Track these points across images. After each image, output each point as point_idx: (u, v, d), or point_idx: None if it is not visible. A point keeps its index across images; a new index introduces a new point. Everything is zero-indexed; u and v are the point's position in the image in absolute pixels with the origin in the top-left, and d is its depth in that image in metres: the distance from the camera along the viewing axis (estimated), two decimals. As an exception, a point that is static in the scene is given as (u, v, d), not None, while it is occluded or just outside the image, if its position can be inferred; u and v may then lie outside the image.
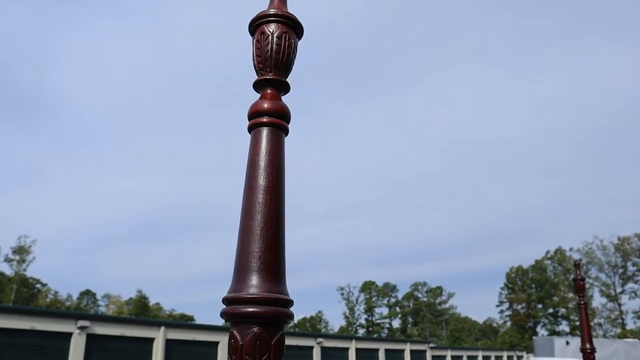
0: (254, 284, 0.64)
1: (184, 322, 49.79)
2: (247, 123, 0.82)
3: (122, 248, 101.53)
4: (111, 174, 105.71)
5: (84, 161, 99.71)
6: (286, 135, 0.73)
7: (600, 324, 76.45)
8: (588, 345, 2.93)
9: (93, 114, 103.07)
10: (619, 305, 75.44)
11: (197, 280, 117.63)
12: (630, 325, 73.83)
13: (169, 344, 21.46)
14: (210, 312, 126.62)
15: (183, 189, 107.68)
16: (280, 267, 0.66)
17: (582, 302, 3.05)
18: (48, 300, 69.34)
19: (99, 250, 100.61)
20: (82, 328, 18.53)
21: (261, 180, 0.68)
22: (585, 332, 2.93)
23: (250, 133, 0.73)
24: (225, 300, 0.66)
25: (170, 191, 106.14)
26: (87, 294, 76.51)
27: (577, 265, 3.32)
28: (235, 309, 0.64)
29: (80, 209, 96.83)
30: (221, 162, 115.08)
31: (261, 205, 0.68)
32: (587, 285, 77.02)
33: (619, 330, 69.57)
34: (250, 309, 0.63)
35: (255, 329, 0.63)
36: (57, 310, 43.76)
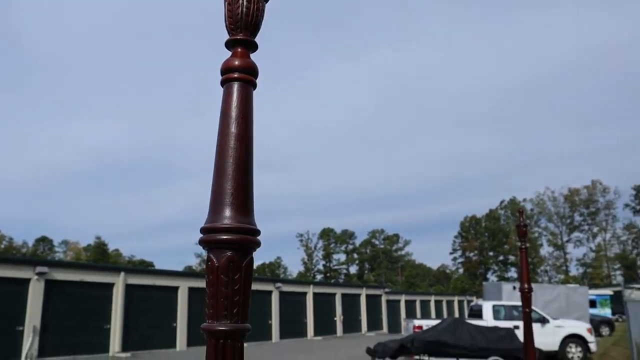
0: (227, 216, 0.78)
1: (144, 267, 49.88)
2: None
3: (79, 194, 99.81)
4: (64, 117, 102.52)
5: (33, 103, 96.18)
6: (254, 89, 0.84)
7: (546, 271, 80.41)
8: (526, 286, 3.16)
9: (44, 52, 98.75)
10: (565, 253, 79.33)
11: (156, 227, 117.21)
12: (573, 271, 77.93)
13: (129, 289, 21.61)
14: (169, 258, 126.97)
15: (141, 135, 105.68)
16: (249, 203, 0.80)
17: (523, 247, 3.29)
18: (2, 246, 68.13)
19: (54, 196, 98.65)
20: (40, 274, 18.43)
21: (232, 129, 0.82)
22: (524, 274, 3.16)
23: (222, 87, 0.85)
24: (203, 230, 0.80)
25: (127, 137, 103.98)
26: (43, 240, 75.38)
27: (520, 212, 3.55)
28: (212, 236, 0.78)
29: (32, 154, 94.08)
30: (181, 110, 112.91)
31: (233, 150, 0.81)
32: (536, 235, 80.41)
33: (562, 277, 73.33)
34: (225, 237, 0.76)
35: (229, 253, 0.77)
36: (14, 256, 43.11)
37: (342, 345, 26.03)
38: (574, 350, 17.57)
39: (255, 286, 28.20)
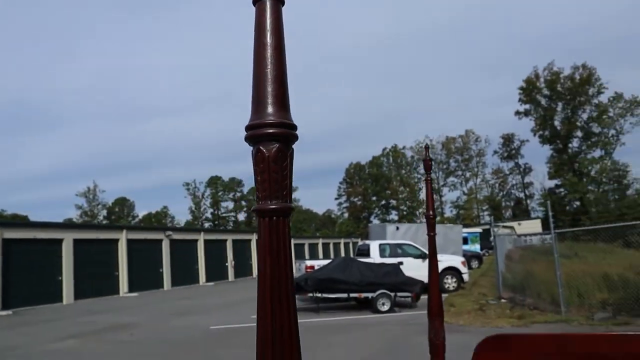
0: (270, 114, 0.92)
1: (23, 220, 46.62)
2: None
3: None
4: None
5: None
6: (283, 5, 0.97)
7: (424, 213, 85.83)
8: (431, 213, 3.49)
9: None
10: (440, 196, 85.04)
11: (28, 179, 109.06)
12: (448, 213, 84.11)
13: (7, 244, 20.22)
14: (45, 211, 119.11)
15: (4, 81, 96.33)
16: (287, 102, 0.95)
17: (428, 178, 3.59)
18: None
19: None
20: None
21: (268, 39, 0.95)
22: (429, 202, 3.45)
23: (254, 5, 0.97)
24: (249, 128, 0.93)
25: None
26: None
27: (426, 148, 3.83)
28: (259, 131, 0.91)
29: None
30: (53, 56, 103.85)
31: (270, 58, 0.95)
32: (415, 180, 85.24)
33: (439, 218, 78.74)
34: (271, 130, 0.90)
35: (277, 145, 0.91)
36: None
37: (235, 289, 26.49)
38: (450, 281, 19.32)
39: (144, 235, 27.60)
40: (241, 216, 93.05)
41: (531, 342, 2.86)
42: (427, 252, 14.38)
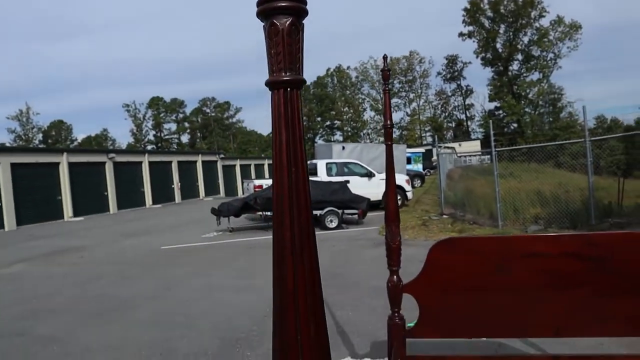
0: None
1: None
2: None
3: None
4: None
5: None
6: None
7: (368, 134, 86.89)
8: (389, 122, 3.56)
9: None
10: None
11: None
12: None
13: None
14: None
15: None
16: None
17: (386, 89, 3.63)
18: None
19: None
20: None
21: None
22: (387, 112, 3.52)
23: None
24: (262, 2, 0.95)
25: None
26: None
27: (384, 58, 3.85)
28: (272, 4, 0.93)
29: None
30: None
31: None
32: (360, 100, 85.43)
33: (382, 139, 79.97)
34: (285, 4, 0.93)
35: (291, 18, 0.94)
36: None
37: (183, 210, 26.49)
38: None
39: (86, 158, 26.84)
40: (185, 138, 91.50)
41: (476, 243, 3.10)
42: (372, 171, 14.73)
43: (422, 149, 48.87)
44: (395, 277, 3.01)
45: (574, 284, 2.76)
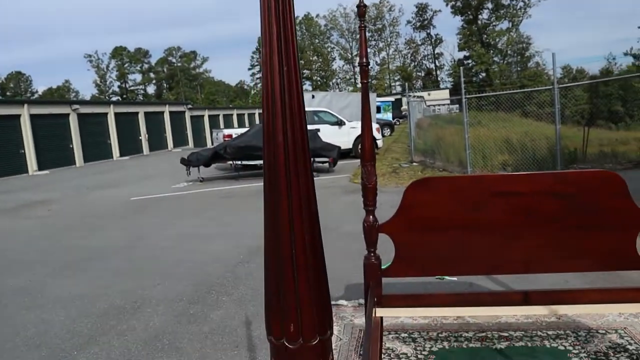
0: None
1: None
2: None
3: None
4: None
5: None
6: None
7: (337, 84, 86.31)
8: (365, 60, 3.49)
9: None
10: (354, 67, 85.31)
11: None
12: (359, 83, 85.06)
13: None
14: None
15: None
16: None
17: (362, 25, 3.54)
18: None
19: None
20: None
21: None
22: (363, 50, 3.44)
23: None
24: None
25: None
26: None
27: None
28: None
29: None
30: None
31: None
32: (329, 49, 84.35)
33: (352, 88, 79.59)
34: None
35: None
36: None
37: (151, 162, 26.15)
38: (364, 148, 20.04)
39: (49, 110, 26.05)
40: (151, 89, 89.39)
41: (451, 182, 3.13)
42: (343, 119, 14.75)
43: (391, 98, 48.86)
44: (371, 217, 3.03)
45: (546, 221, 2.82)
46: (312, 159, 14.70)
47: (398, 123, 41.49)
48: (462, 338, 3.69)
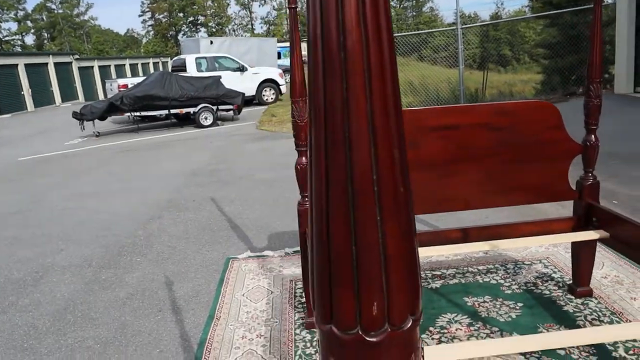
0: None
1: None
2: None
3: None
4: None
5: None
6: None
7: (234, 30, 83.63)
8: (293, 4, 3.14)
9: None
10: (250, 12, 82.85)
11: None
12: (258, 30, 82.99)
13: None
14: None
15: None
16: None
17: None
18: None
19: None
20: None
21: None
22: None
23: None
24: None
25: None
26: None
27: None
28: None
29: None
30: None
31: None
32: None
33: (249, 35, 77.53)
34: None
35: None
36: None
37: (38, 118, 24.09)
38: (268, 93, 19.64)
39: None
40: (29, 39, 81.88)
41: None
42: (245, 65, 14.27)
43: (291, 44, 47.99)
44: (304, 158, 2.81)
45: (485, 155, 2.73)
46: (215, 107, 14.18)
47: (299, 68, 40.94)
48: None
